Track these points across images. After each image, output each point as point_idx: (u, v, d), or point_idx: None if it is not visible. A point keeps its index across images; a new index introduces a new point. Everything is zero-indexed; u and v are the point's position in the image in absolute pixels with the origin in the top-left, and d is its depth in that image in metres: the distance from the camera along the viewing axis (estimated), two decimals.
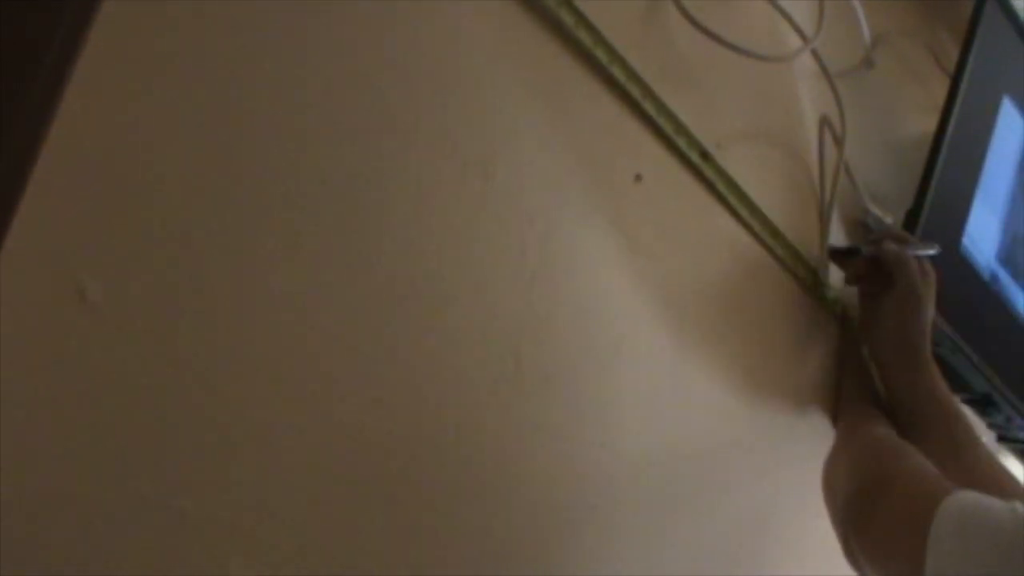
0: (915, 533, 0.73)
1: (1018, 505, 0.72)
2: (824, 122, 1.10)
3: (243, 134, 0.62)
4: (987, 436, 1.29)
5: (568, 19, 0.80)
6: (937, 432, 0.97)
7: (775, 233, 1.00)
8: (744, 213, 0.97)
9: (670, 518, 0.92)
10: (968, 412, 1.22)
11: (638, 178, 0.87)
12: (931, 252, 1.06)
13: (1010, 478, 0.92)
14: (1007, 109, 1.23)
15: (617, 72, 0.84)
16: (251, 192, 0.62)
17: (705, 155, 0.92)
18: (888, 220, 1.17)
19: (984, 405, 1.22)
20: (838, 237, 1.11)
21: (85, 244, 0.55)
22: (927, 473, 0.84)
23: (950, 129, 1.12)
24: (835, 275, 1.09)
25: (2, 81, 0.53)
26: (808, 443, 1.02)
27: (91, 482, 0.56)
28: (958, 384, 1.17)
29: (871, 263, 1.05)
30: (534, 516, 0.80)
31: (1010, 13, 1.22)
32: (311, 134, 0.65)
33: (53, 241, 0.54)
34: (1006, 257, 1.25)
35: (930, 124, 1.14)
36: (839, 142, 1.10)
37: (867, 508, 0.84)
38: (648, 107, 0.86)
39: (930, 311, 1.03)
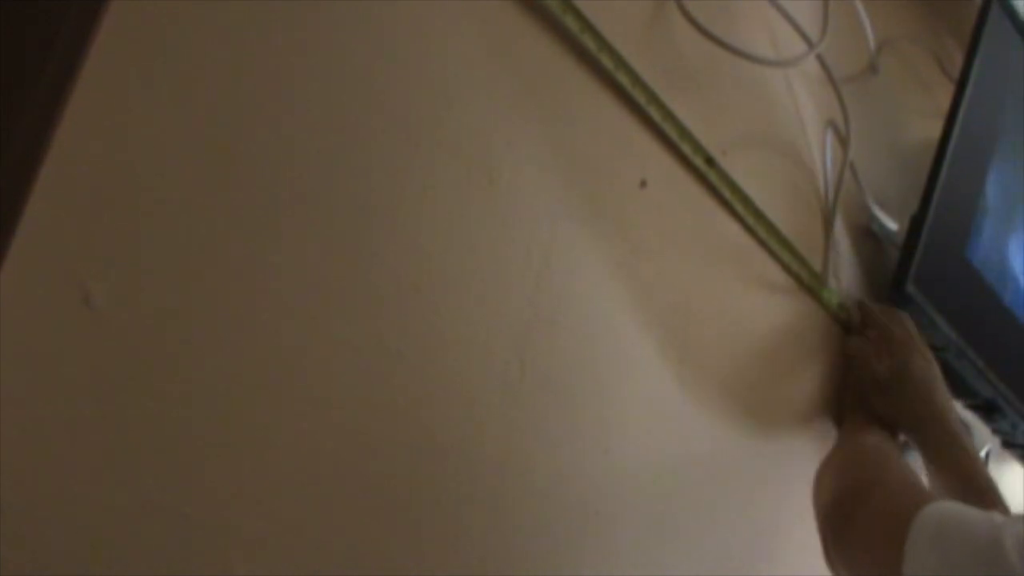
0: (891, 541, 0.74)
1: (996, 515, 0.73)
2: (829, 127, 1.10)
3: (247, 139, 0.62)
4: (992, 442, 1.29)
5: (573, 25, 0.80)
6: None
7: (780, 239, 1.00)
8: (749, 219, 0.97)
9: (673, 524, 0.92)
10: (973, 418, 1.23)
11: (643, 184, 0.87)
12: None
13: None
14: (1011, 116, 1.23)
15: (622, 78, 0.84)
16: (255, 197, 0.62)
17: (710, 161, 0.92)
18: (893, 226, 1.17)
19: (989, 411, 1.22)
20: (843, 242, 1.11)
21: (89, 249, 0.55)
22: (907, 482, 0.85)
23: (955, 135, 1.12)
24: (838, 280, 1.09)
25: (6, 86, 0.54)
26: (812, 449, 1.01)
27: (94, 485, 0.56)
28: (963, 390, 1.17)
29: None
30: (537, 521, 0.79)
31: (1015, 20, 1.22)
32: (314, 139, 0.65)
33: (58, 246, 0.54)
34: (1011, 263, 1.25)
35: (935, 130, 1.14)
36: (844, 147, 1.10)
37: (846, 515, 0.85)
38: (653, 113, 0.86)
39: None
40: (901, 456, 0.98)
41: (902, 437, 1.02)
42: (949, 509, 0.76)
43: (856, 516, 0.84)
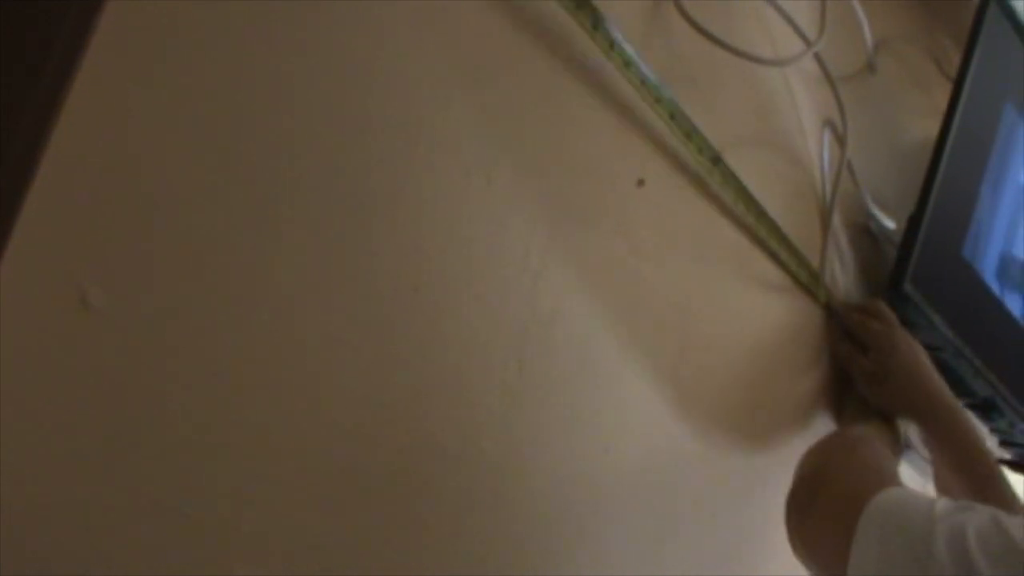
0: (843, 529, 0.73)
1: (939, 503, 0.71)
2: (827, 126, 1.10)
3: (245, 139, 0.62)
4: (990, 441, 1.29)
5: (585, 22, 0.79)
6: None
7: (779, 237, 1.00)
8: (748, 218, 0.97)
9: (673, 524, 0.92)
10: (971, 417, 1.23)
11: (641, 183, 0.87)
12: None
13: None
14: (1009, 115, 1.23)
15: (630, 76, 0.83)
16: (253, 197, 0.62)
17: (716, 159, 0.91)
18: (890, 224, 1.17)
19: (987, 410, 1.22)
20: (841, 241, 1.11)
21: (87, 250, 0.55)
22: (870, 467, 0.84)
23: (952, 135, 1.12)
24: (836, 279, 1.09)
25: (6, 86, 0.53)
26: None
27: (94, 486, 0.56)
28: (961, 389, 1.17)
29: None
30: (537, 521, 0.79)
31: (1012, 20, 1.22)
32: (314, 138, 0.65)
33: (55, 247, 0.54)
34: (1008, 262, 1.25)
35: (932, 129, 1.14)
36: (842, 146, 1.10)
37: (808, 499, 0.84)
38: (660, 111, 0.86)
39: None
40: (883, 445, 0.97)
41: (902, 429, 1.02)
42: (894, 499, 0.74)
43: (815, 503, 0.82)
